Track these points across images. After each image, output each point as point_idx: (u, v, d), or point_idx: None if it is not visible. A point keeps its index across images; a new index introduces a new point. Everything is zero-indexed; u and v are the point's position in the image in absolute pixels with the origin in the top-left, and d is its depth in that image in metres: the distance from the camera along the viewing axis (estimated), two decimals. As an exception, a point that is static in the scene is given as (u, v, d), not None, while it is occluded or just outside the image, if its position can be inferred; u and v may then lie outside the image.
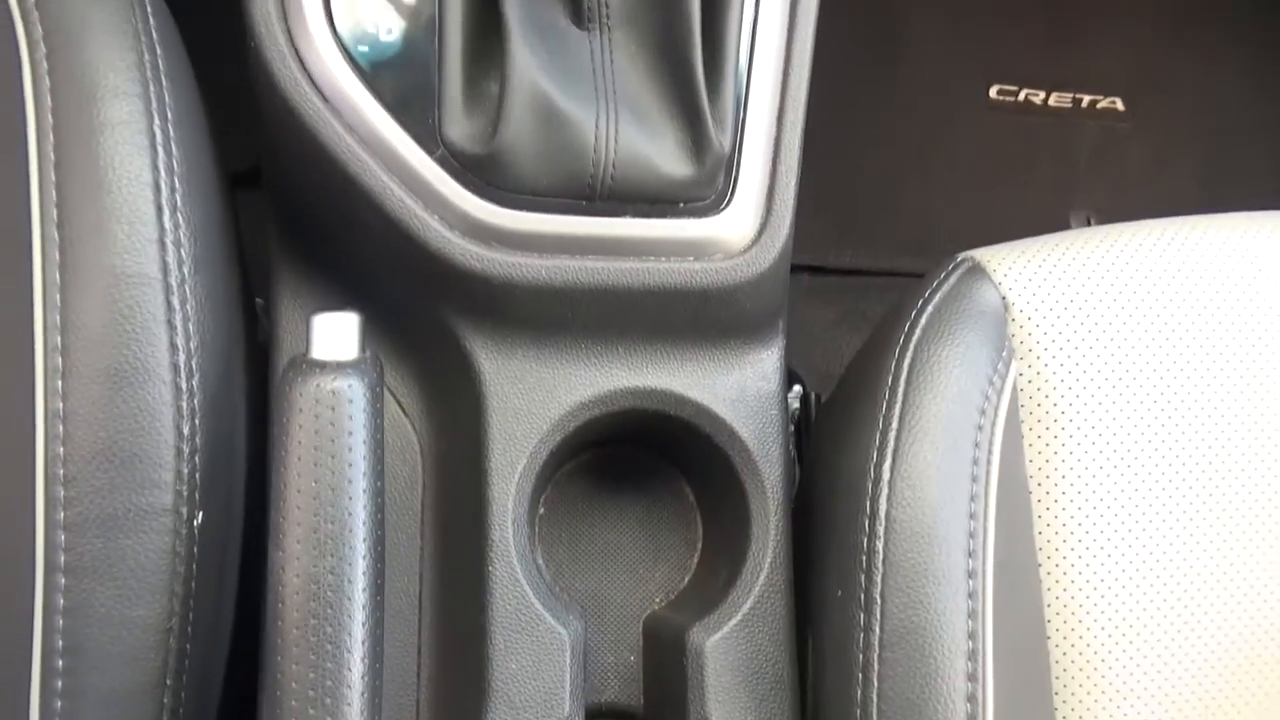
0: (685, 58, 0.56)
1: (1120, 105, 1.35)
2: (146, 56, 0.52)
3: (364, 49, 0.56)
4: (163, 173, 0.51)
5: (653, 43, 0.57)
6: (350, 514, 0.47)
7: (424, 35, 0.56)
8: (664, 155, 0.57)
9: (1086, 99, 1.35)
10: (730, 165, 0.59)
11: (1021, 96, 1.34)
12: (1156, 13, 1.38)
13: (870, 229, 1.29)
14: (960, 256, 0.63)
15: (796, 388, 0.80)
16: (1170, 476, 0.59)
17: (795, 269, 1.31)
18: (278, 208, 0.63)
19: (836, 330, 1.25)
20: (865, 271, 1.27)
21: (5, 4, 0.53)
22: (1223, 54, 1.40)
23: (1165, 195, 1.36)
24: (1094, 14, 1.37)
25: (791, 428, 0.76)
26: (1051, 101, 1.35)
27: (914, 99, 1.32)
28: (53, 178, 0.50)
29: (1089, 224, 1.33)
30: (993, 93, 1.34)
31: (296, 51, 0.55)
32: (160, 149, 0.51)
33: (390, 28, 0.56)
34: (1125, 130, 1.35)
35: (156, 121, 0.51)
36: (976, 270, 0.61)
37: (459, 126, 0.56)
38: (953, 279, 0.60)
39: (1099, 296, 0.61)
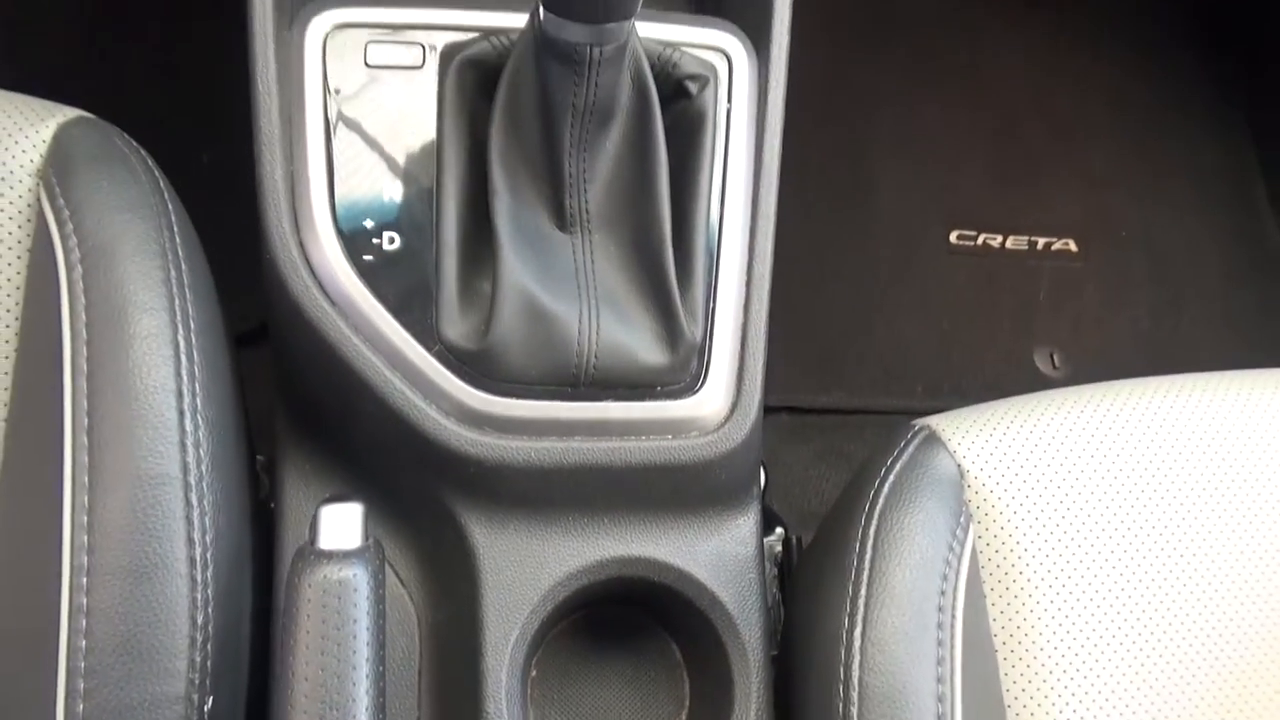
0: (658, 258, 0.62)
1: (1073, 246, 1.44)
2: (172, 272, 0.58)
3: (369, 257, 0.62)
4: (185, 379, 0.56)
5: (629, 243, 0.64)
6: (354, 699, 0.50)
7: (422, 242, 0.62)
8: (642, 345, 0.62)
9: (1041, 241, 1.44)
10: (702, 351, 0.64)
11: (980, 240, 1.42)
12: (1101, 159, 1.48)
13: (844, 369, 1.35)
14: (918, 425, 0.68)
15: (779, 530, 0.84)
16: (1130, 628, 0.63)
17: (774, 410, 1.37)
18: (284, 393, 0.68)
19: (816, 468, 1.29)
20: (841, 410, 1.32)
21: (46, 224, 0.59)
22: (1166, 193, 1.49)
23: (1121, 328, 1.43)
24: (1045, 162, 1.47)
25: (775, 570, 0.80)
26: (1009, 244, 1.43)
27: (880, 244, 1.40)
28: (85, 387, 0.54)
29: (1052, 360, 1.40)
30: (953, 237, 1.42)
31: (308, 261, 0.61)
32: (184, 357, 0.56)
33: (393, 236, 0.62)
34: (1079, 270, 1.44)
35: (180, 332, 0.56)
36: (933, 439, 0.66)
37: (455, 325, 0.61)
38: (911, 448, 0.65)
39: (1048, 460, 0.66)
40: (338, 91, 0.63)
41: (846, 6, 1.45)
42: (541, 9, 0.55)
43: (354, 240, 0.62)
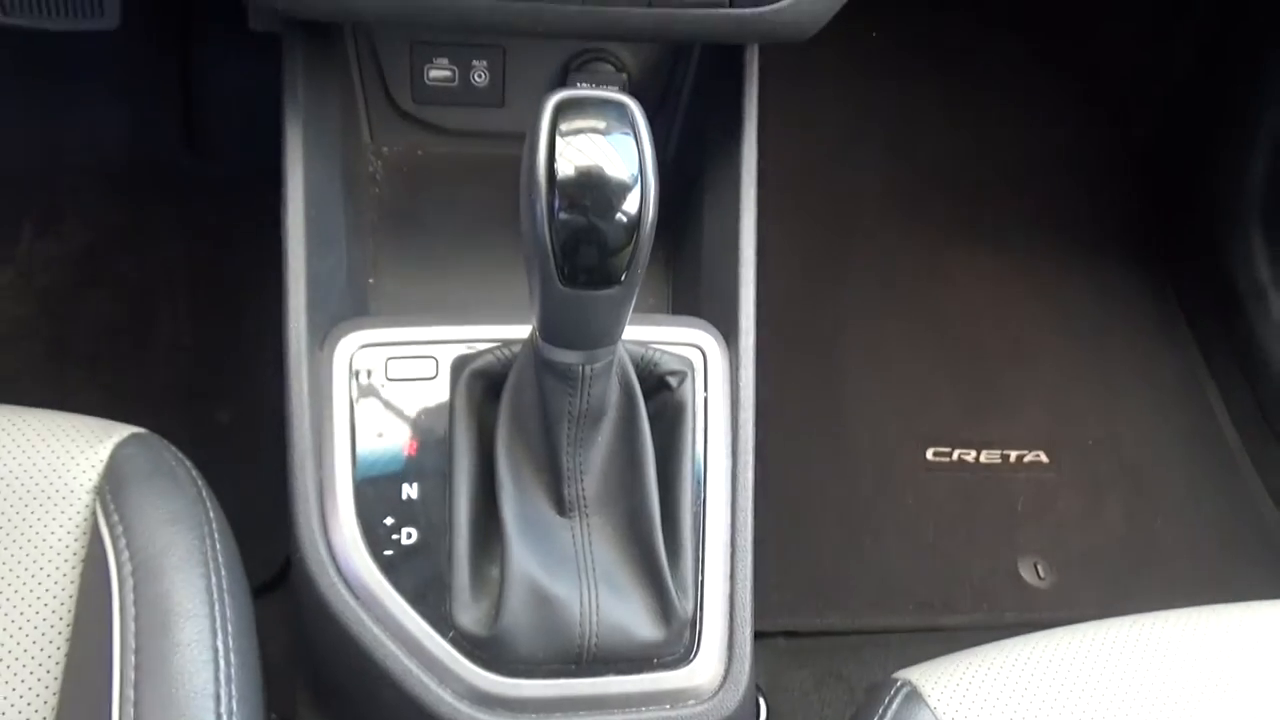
0: (649, 539, 0.69)
1: (1045, 458, 1.52)
2: (213, 579, 0.64)
3: (389, 552, 0.68)
4: (223, 683, 0.61)
5: (623, 525, 0.71)
6: None
7: (437, 535, 0.69)
8: (638, 622, 0.68)
9: (1014, 454, 1.52)
10: (694, 623, 0.70)
11: (955, 456, 1.50)
12: (1059, 374, 1.58)
13: (837, 590, 1.40)
14: (899, 680, 0.72)
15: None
16: None
17: (770, 634, 1.40)
18: (307, 670, 0.73)
19: (816, 692, 1.32)
20: (837, 632, 1.36)
21: (100, 538, 0.66)
22: (1125, 401, 1.59)
23: (1099, 535, 1.49)
24: (1008, 378, 1.57)
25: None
26: (983, 459, 1.51)
27: (860, 465, 1.48)
28: (131, 695, 0.60)
29: (1036, 570, 1.45)
30: (930, 454, 1.50)
31: (334, 559, 0.68)
32: (221, 660, 0.62)
33: (410, 531, 0.69)
34: (1053, 480, 1.51)
35: (219, 637, 0.62)
36: (914, 696, 0.70)
37: (467, 611, 0.67)
38: (894, 708, 0.70)
39: (1027, 707, 0.70)
40: (362, 404, 0.72)
41: (815, 240, 1.60)
42: (539, 336, 0.65)
43: (376, 537, 0.69)
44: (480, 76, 0.92)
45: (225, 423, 1.36)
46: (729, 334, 0.78)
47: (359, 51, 0.90)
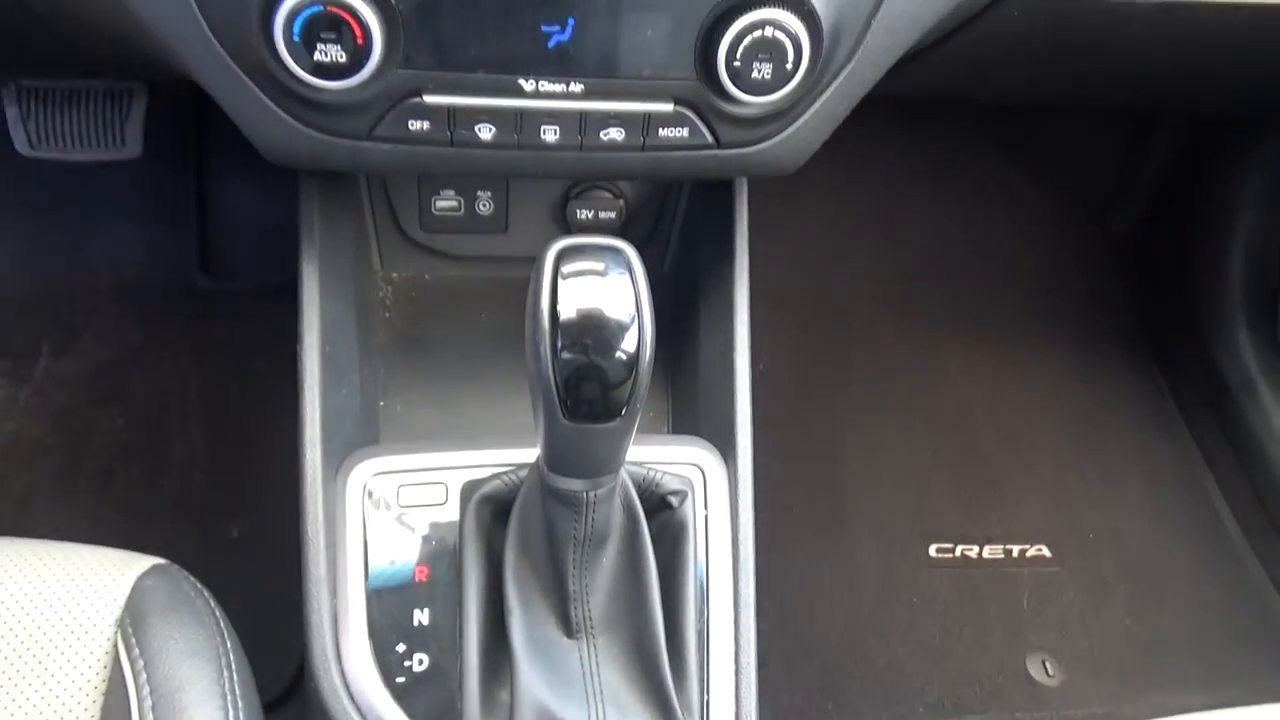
0: (655, 659, 0.71)
1: (1047, 552, 1.53)
2: (230, 711, 0.66)
3: (401, 679, 0.70)
4: None
5: (629, 645, 0.72)
6: None
7: (448, 660, 0.71)
8: None
9: (1016, 549, 1.53)
10: None
11: (958, 552, 1.52)
12: (1056, 468, 1.60)
13: (846, 692, 1.39)
14: None
15: None
16: None
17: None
18: None
19: (832, 800, 1.30)
20: (848, 734, 1.35)
21: (122, 670, 0.68)
22: (1123, 492, 1.60)
23: (1106, 629, 1.49)
24: (1006, 473, 1.59)
25: None
26: (986, 554, 1.52)
27: (864, 564, 1.49)
28: None
29: (1045, 667, 1.44)
30: (932, 551, 1.51)
31: (348, 687, 0.69)
32: None
33: (422, 658, 0.71)
34: (1057, 574, 1.52)
35: None
36: None
37: None
38: None
39: None
40: (375, 531, 0.74)
41: (810, 342, 1.64)
42: (544, 465, 0.68)
43: (388, 664, 0.70)
44: (485, 205, 0.97)
45: (236, 537, 1.38)
46: (727, 452, 0.81)
47: (370, 186, 0.95)
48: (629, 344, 0.59)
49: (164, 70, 0.73)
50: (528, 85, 0.69)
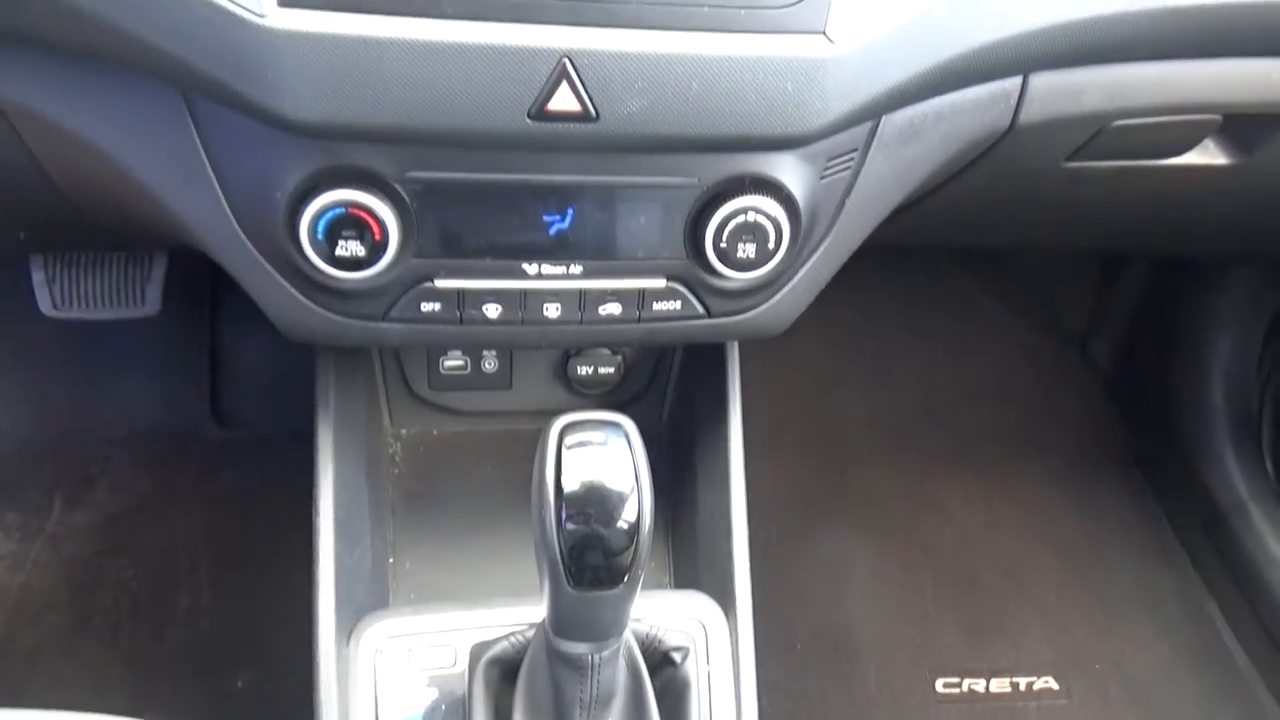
0: None
1: (1054, 684, 1.52)
2: None
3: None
4: None
5: None
6: None
7: None
8: None
9: (1023, 682, 1.52)
10: None
11: (965, 687, 1.51)
12: (1057, 599, 1.61)
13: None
14: None
15: None
16: None
17: None
18: None
19: None
20: None
21: None
22: (1126, 622, 1.61)
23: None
24: (1008, 606, 1.59)
25: None
26: (993, 688, 1.51)
27: (871, 701, 1.48)
28: None
29: (1058, 807, 1.42)
30: (939, 686, 1.51)
31: None
32: None
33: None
34: (1065, 707, 1.51)
35: None
36: None
37: None
38: None
39: None
40: (385, 695, 0.76)
41: (806, 477, 1.67)
42: (550, 629, 0.70)
43: None
44: (490, 364, 1.03)
45: (241, 688, 1.38)
46: (727, 605, 0.84)
47: (382, 352, 1.00)
48: (630, 513, 0.62)
49: (189, 245, 0.79)
50: (531, 269, 0.74)
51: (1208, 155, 0.95)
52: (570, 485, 0.62)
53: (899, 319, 1.84)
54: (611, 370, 1.03)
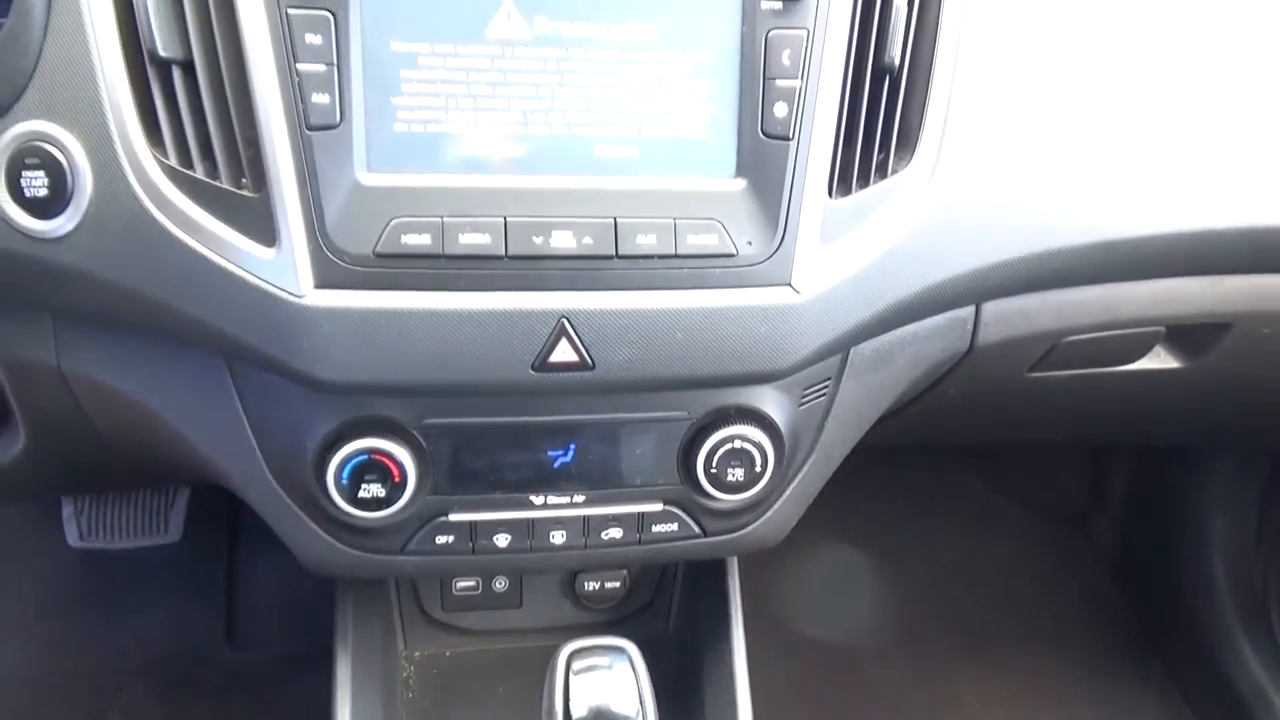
0: None
1: None
2: None
3: None
4: None
5: None
6: None
7: None
8: None
9: None
10: None
11: None
12: None
13: None
14: None
15: None
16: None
17: None
18: None
19: None
20: None
21: None
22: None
23: None
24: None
25: None
26: None
27: None
28: None
29: None
30: None
31: None
32: None
33: None
34: None
35: None
36: None
37: None
38: None
39: None
40: None
41: (819, 681, 1.65)
42: None
43: None
44: (501, 584, 1.07)
45: None
46: None
47: (399, 579, 1.05)
48: None
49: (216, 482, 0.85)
50: (538, 500, 0.81)
51: (1160, 360, 1.03)
52: (578, 711, 0.66)
53: (901, 514, 1.87)
54: (618, 584, 1.07)
